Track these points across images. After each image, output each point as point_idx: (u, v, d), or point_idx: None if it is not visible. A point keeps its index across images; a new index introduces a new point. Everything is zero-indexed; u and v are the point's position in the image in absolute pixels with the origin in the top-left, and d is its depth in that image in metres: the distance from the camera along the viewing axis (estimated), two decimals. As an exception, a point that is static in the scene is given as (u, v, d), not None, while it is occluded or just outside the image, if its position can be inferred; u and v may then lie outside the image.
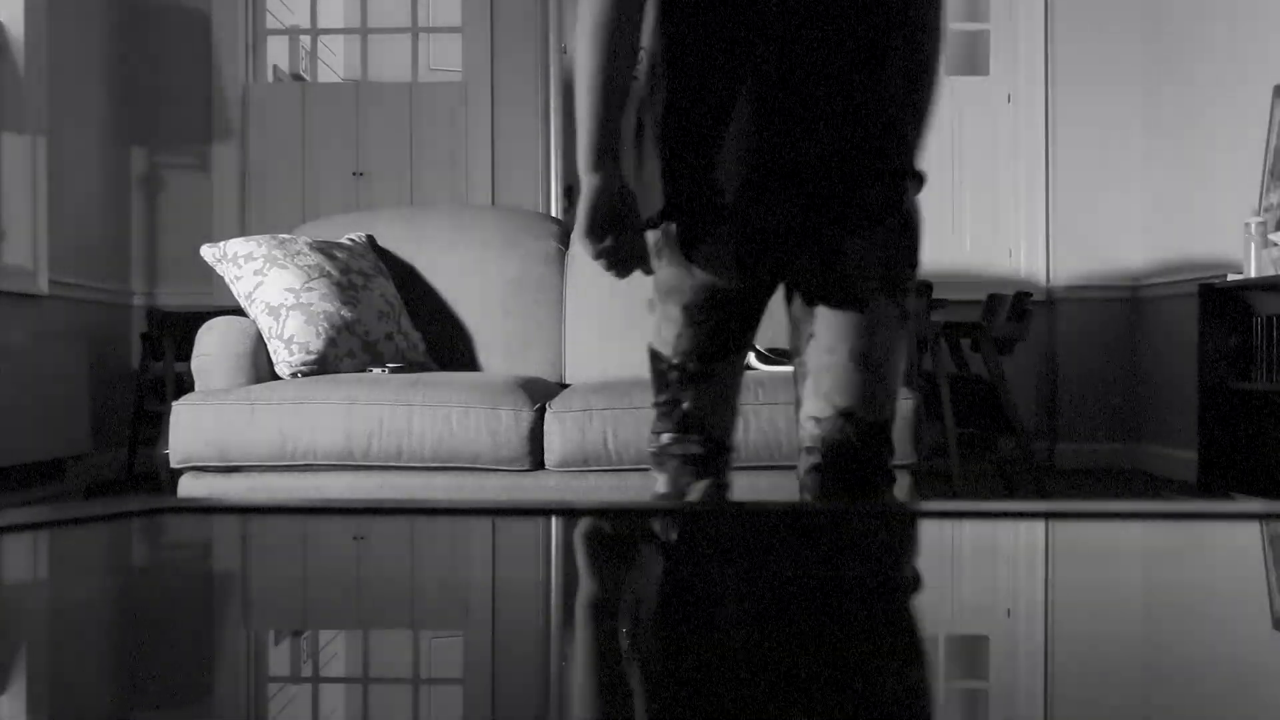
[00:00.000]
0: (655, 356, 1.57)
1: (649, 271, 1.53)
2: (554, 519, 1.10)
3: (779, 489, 2.45)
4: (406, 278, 3.07)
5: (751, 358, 2.69)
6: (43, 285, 4.18)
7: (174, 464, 2.52)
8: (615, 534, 1.07)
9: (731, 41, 1.41)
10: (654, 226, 1.48)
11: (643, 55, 1.47)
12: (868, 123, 1.40)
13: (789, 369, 2.67)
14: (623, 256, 1.50)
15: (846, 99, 1.39)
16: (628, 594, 0.83)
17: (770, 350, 2.77)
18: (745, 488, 2.45)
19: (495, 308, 3.08)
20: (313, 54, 6.25)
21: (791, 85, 1.39)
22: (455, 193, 5.10)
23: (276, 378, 2.68)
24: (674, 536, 1.03)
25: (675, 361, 1.55)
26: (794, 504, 1.09)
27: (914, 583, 0.81)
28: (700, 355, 1.54)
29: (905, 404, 2.46)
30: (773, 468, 2.46)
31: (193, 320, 3.38)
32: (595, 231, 1.46)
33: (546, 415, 2.55)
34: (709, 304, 1.50)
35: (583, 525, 1.09)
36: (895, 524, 1.04)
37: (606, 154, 1.44)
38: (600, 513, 1.13)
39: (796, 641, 0.59)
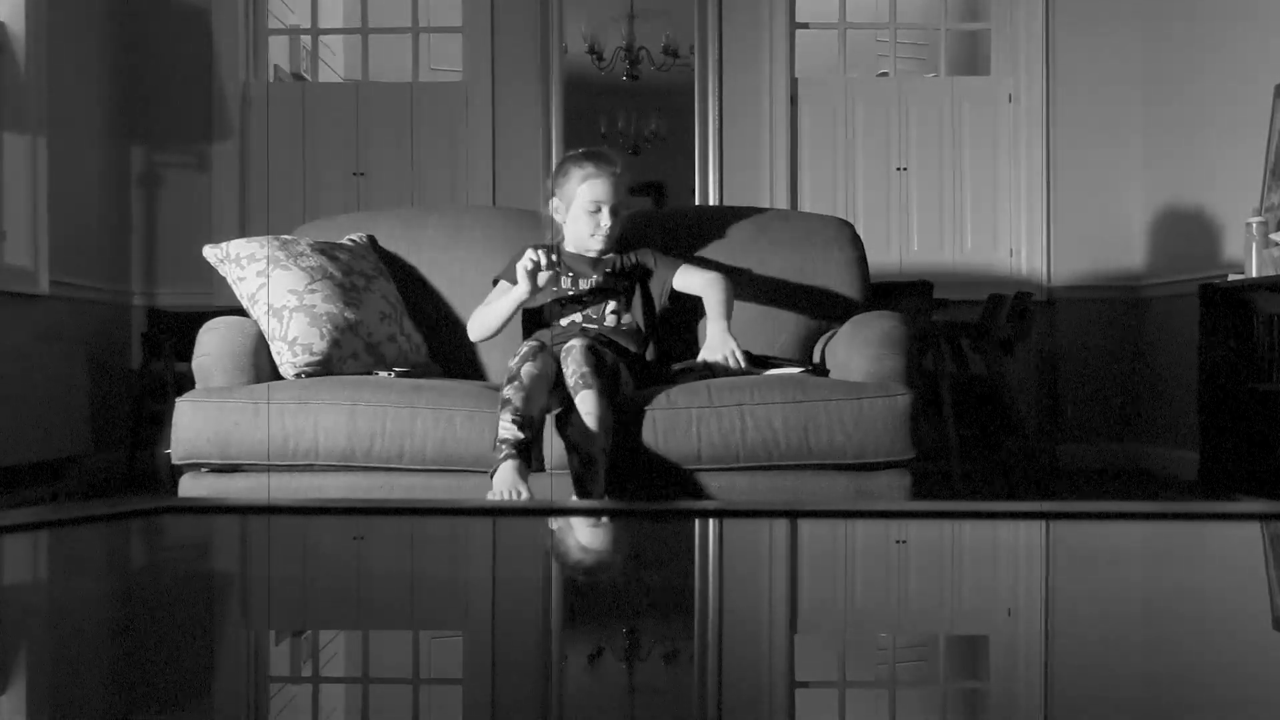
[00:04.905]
0: None
1: None
2: (551, 520, 1.10)
3: (777, 489, 2.45)
4: (407, 279, 3.07)
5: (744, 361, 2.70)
6: (43, 285, 4.18)
7: (175, 460, 2.52)
8: (613, 535, 1.07)
9: None
10: None
11: None
12: None
13: (783, 370, 2.67)
14: None
15: None
16: (625, 594, 0.82)
17: (762, 354, 2.78)
18: (744, 488, 2.45)
19: (495, 308, 3.07)
20: (313, 54, 6.25)
21: None
22: (455, 193, 5.10)
23: (277, 378, 2.68)
24: (673, 536, 1.02)
25: None
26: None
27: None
28: None
29: (902, 400, 2.46)
30: (770, 468, 2.46)
31: (193, 320, 3.38)
32: None
33: (546, 419, 2.55)
34: None
35: (580, 526, 1.09)
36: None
37: None
38: (597, 514, 1.13)
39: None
